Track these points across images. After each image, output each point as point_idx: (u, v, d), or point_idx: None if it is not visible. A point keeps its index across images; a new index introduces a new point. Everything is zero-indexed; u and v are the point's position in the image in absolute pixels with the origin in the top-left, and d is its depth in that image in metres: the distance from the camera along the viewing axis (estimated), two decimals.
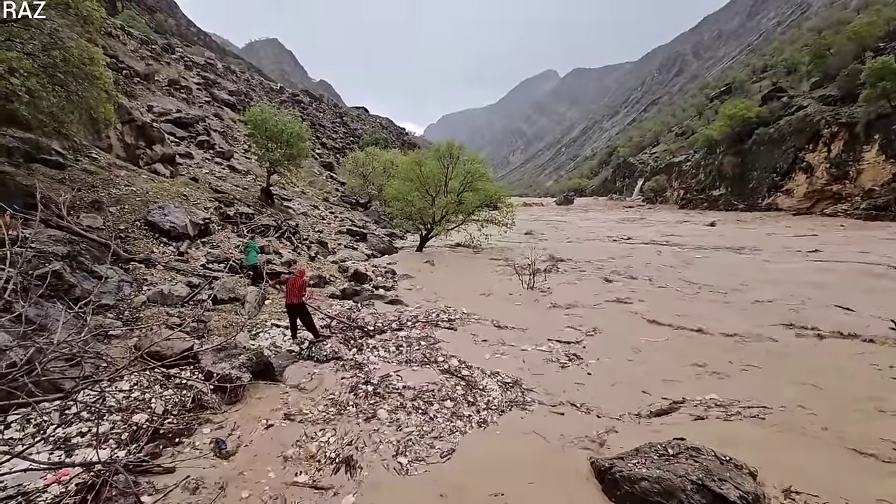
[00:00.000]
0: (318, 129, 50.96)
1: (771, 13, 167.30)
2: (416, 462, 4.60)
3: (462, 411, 5.62)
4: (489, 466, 4.49)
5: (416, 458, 4.65)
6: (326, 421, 5.33)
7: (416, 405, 5.73)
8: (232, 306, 8.91)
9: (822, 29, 67.02)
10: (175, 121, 25.22)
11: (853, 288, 11.47)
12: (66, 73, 9.12)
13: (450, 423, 5.32)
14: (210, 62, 48.19)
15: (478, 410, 5.66)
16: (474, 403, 5.82)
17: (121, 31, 32.23)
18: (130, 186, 12.76)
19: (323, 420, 5.35)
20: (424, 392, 6.06)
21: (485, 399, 5.94)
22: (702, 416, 5.38)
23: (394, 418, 5.41)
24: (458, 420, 5.41)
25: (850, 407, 5.51)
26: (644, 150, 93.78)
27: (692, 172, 55.01)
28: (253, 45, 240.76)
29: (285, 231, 15.99)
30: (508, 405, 5.79)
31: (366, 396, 5.91)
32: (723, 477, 3.69)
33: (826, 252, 17.20)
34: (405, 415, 5.50)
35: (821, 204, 35.83)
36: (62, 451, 4.46)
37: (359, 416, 5.45)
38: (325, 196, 31.21)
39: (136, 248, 10.23)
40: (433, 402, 5.83)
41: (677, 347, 7.89)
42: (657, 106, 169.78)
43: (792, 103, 42.36)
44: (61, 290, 6.80)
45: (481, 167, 23.13)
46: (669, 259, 17.42)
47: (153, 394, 5.52)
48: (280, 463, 4.55)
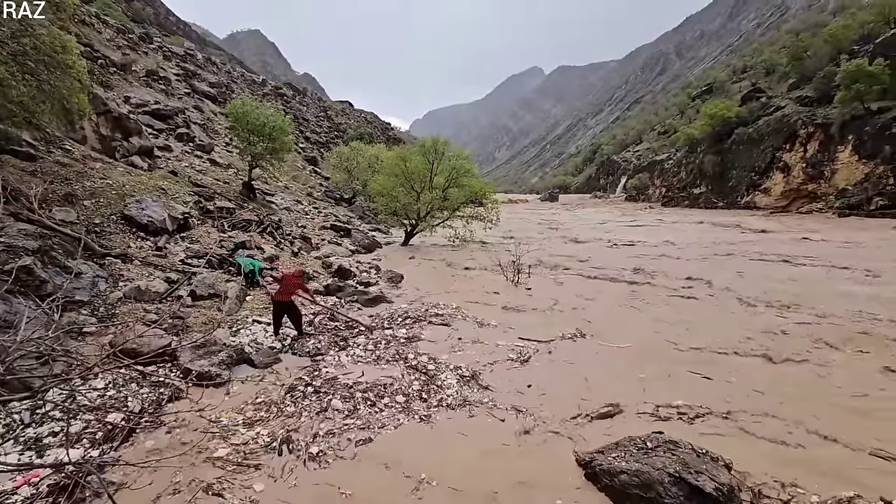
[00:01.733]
0: (302, 122, 50.28)
1: (751, 14, 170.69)
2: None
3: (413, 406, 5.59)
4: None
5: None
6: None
7: (365, 398, 5.66)
8: (212, 302, 8.73)
9: (800, 31, 68.61)
10: (153, 112, 24.58)
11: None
12: (37, 62, 8.81)
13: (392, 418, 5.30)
14: (190, 53, 47.08)
15: (427, 406, 5.58)
16: (427, 400, 5.76)
17: (96, 19, 31.24)
18: (106, 179, 12.40)
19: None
20: (375, 387, 5.93)
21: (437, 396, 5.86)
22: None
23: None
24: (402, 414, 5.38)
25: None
26: (627, 148, 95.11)
27: (674, 171, 55.92)
28: (235, 37, 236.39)
29: (268, 226, 15.75)
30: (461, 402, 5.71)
31: (304, 396, 5.67)
32: (699, 469, 3.76)
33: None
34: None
35: (797, 202, 36.82)
36: (33, 452, 4.33)
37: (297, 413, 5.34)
38: (309, 191, 30.85)
39: (112, 242, 9.95)
40: (384, 396, 5.73)
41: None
42: (641, 104, 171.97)
43: (770, 104, 43.34)
44: (32, 285, 6.58)
45: (466, 163, 23.12)
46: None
47: (129, 392, 5.40)
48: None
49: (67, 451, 3.60)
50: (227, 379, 5.98)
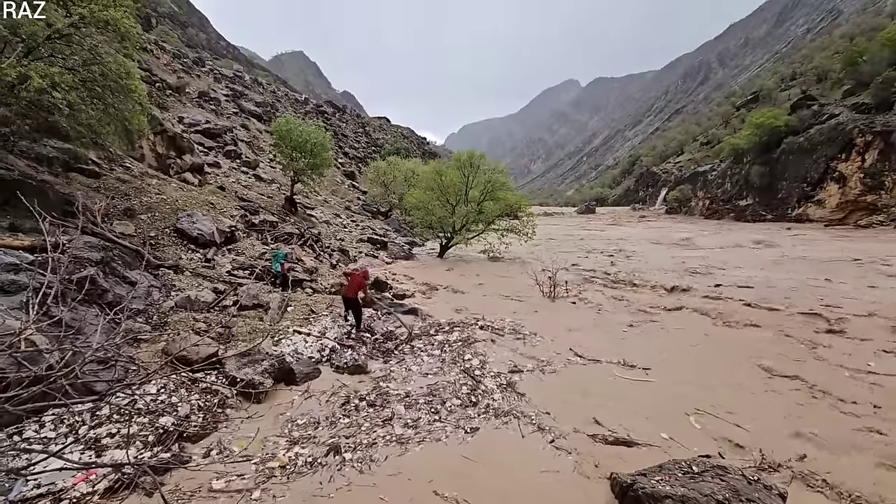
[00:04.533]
0: (341, 138, 51.88)
1: (800, 20, 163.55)
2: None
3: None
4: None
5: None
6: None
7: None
8: (256, 312, 9.08)
9: (855, 35, 65.21)
10: (204, 131, 26.06)
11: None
12: (104, 87, 9.53)
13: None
14: (238, 74, 49.71)
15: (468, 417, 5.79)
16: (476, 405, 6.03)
17: (155, 45, 33.60)
18: (161, 195, 13.21)
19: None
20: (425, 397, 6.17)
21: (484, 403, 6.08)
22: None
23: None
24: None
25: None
26: (668, 160, 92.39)
27: (718, 182, 53.81)
28: (279, 58, 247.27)
29: (308, 239, 16.26)
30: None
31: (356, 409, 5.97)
32: (751, 498, 3.57)
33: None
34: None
35: (854, 215, 34.58)
36: (93, 451, 4.61)
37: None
38: (347, 205, 31.67)
39: (164, 254, 10.55)
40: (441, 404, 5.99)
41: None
42: (681, 115, 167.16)
43: (823, 111, 41.15)
44: (95, 294, 7.06)
45: (502, 176, 23.12)
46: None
47: (179, 397, 5.66)
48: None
49: (127, 451, 3.80)
50: (268, 388, 6.19)
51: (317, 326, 9.09)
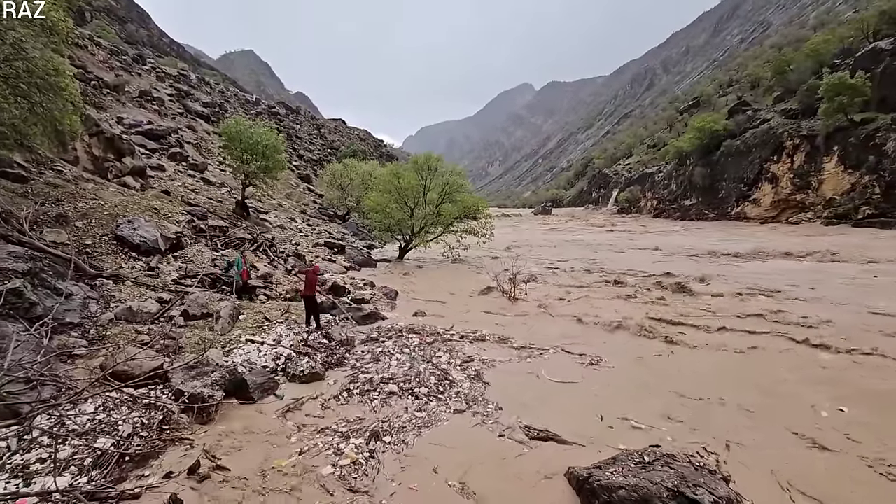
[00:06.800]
0: (295, 140, 50.60)
1: (735, 30, 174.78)
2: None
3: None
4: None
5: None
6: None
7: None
8: (205, 322, 8.64)
9: (782, 46, 70.40)
10: (146, 132, 24.62)
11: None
12: (30, 84, 8.83)
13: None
14: (183, 73, 47.41)
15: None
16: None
17: (89, 41, 31.47)
18: (98, 200, 12.36)
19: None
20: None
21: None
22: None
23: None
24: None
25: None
26: (618, 162, 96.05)
27: (664, 183, 56.59)
28: (228, 57, 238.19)
29: (261, 244, 15.70)
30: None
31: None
32: (697, 482, 3.73)
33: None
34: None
35: (786, 213, 37.30)
36: (20, 480, 4.22)
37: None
38: (303, 208, 30.88)
39: (103, 263, 9.88)
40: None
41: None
42: (629, 119, 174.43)
43: (756, 116, 44.19)
44: (21, 308, 6.50)
45: (460, 178, 23.30)
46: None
47: (120, 415, 5.29)
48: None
49: (55, 478, 3.51)
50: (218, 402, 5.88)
51: (271, 335, 8.76)
